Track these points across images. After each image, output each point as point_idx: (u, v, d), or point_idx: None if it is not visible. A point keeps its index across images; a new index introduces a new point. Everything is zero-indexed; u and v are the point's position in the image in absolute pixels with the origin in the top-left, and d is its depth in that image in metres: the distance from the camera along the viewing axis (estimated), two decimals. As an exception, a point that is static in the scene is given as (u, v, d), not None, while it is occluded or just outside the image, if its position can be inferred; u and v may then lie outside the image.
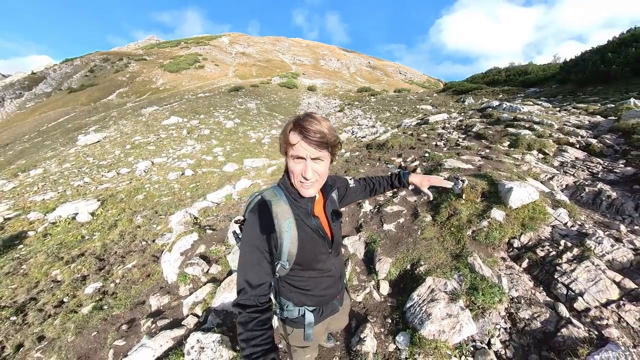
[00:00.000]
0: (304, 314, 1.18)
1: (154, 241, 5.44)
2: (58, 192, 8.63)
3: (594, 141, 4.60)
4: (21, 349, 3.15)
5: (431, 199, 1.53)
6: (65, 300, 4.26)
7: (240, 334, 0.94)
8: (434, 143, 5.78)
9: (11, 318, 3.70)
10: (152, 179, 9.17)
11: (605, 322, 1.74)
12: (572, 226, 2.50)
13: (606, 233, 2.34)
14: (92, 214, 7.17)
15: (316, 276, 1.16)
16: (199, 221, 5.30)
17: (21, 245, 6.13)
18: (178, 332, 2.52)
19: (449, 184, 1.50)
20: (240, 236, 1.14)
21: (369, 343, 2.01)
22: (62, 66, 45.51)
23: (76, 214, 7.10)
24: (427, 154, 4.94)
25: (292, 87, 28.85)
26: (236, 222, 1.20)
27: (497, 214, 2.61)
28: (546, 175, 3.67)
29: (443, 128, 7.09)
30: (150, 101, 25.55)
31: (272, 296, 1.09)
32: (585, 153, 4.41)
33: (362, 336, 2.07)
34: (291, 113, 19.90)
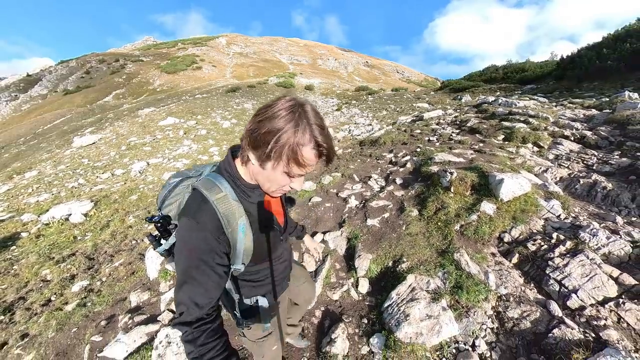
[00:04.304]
0: (257, 300, 1.09)
1: (142, 240, 5.37)
2: (52, 194, 8.53)
3: (588, 133, 4.51)
4: (5, 347, 3.13)
5: (318, 259, 1.73)
6: (52, 298, 4.24)
7: (190, 353, 0.78)
8: (427, 138, 5.69)
9: (-1, 317, 3.68)
10: (147, 179, 9.08)
11: (602, 322, 1.60)
12: (565, 218, 2.40)
13: (602, 225, 2.23)
14: (86, 214, 7.09)
15: (268, 266, 1.10)
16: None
17: (14, 247, 6.08)
18: (152, 328, 2.49)
19: (315, 257, 1.64)
20: (158, 240, 0.96)
21: (340, 344, 1.90)
22: (57, 68, 45.22)
23: (69, 215, 7.01)
24: (418, 149, 4.84)
25: (289, 87, 28.69)
26: (149, 220, 0.91)
27: (488, 207, 2.49)
28: (540, 168, 3.58)
29: (437, 124, 7.00)
30: (147, 102, 25.43)
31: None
32: (580, 145, 4.33)
33: (333, 337, 1.95)
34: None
